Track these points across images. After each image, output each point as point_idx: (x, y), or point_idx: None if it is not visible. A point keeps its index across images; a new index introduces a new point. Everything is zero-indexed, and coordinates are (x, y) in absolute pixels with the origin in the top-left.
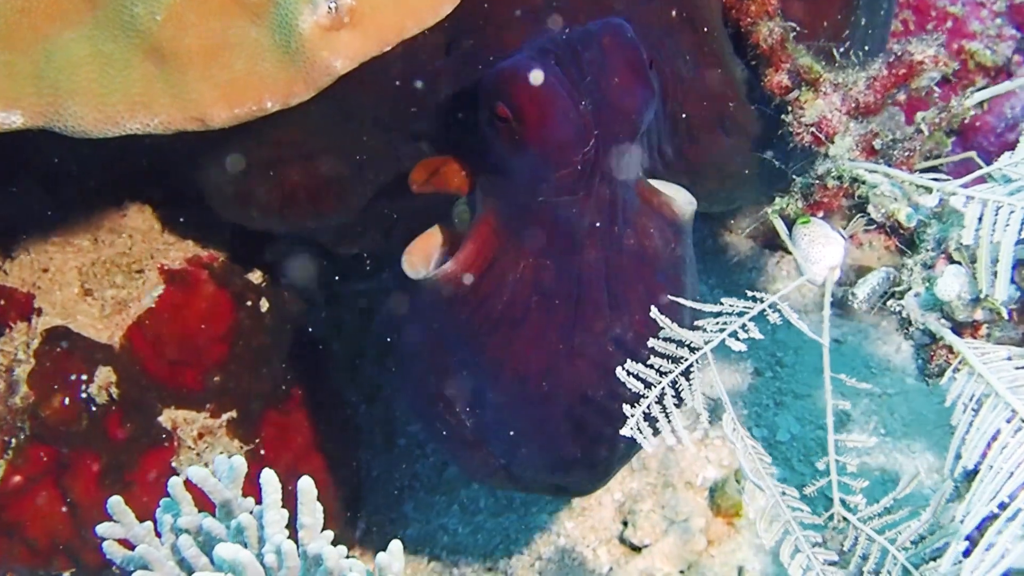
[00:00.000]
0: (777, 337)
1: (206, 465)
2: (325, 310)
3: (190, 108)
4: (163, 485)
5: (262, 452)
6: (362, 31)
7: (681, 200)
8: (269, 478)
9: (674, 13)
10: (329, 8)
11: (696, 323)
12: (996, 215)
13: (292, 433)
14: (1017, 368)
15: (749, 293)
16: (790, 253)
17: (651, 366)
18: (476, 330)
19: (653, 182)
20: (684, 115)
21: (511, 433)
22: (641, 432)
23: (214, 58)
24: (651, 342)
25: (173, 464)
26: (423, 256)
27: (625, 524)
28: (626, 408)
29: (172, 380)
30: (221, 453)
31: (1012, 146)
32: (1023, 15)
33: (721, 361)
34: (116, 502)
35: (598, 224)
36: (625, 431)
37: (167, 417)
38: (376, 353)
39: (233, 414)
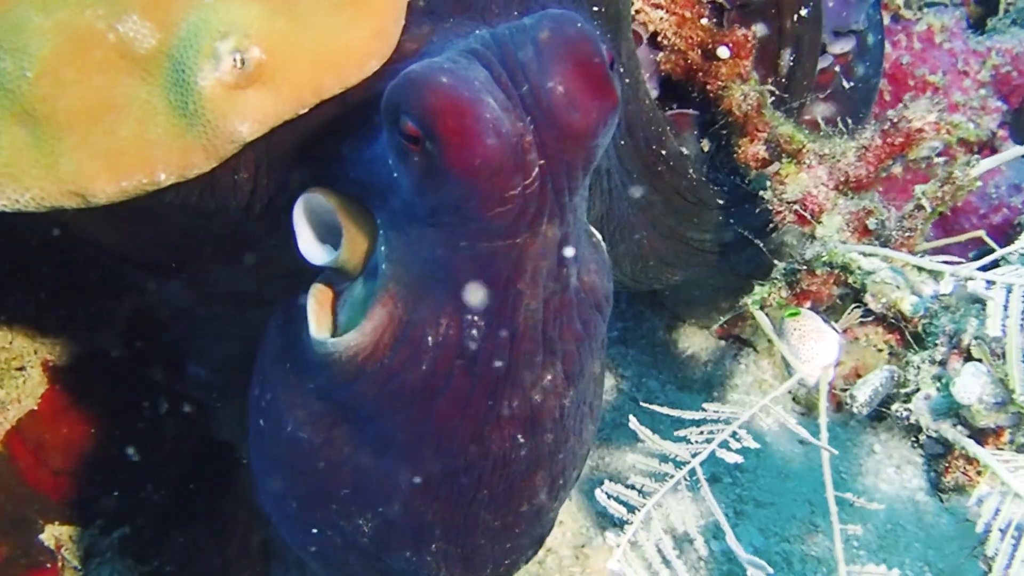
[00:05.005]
0: None
1: None
2: (230, 408)
3: (67, 181)
4: None
5: (165, 572)
6: (273, 89)
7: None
8: None
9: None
10: (234, 62)
11: (678, 432)
12: None
13: (197, 552)
14: None
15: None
16: (751, 345)
17: (631, 486)
18: (385, 409)
19: None
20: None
21: (424, 528)
22: (630, 565)
23: (96, 122)
24: (630, 457)
25: None
26: (324, 321)
27: None
28: (610, 538)
29: (56, 492)
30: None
31: (998, 229)
32: (1009, 85)
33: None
34: None
35: (544, 270)
36: (612, 565)
37: (50, 534)
38: None
39: (126, 530)
